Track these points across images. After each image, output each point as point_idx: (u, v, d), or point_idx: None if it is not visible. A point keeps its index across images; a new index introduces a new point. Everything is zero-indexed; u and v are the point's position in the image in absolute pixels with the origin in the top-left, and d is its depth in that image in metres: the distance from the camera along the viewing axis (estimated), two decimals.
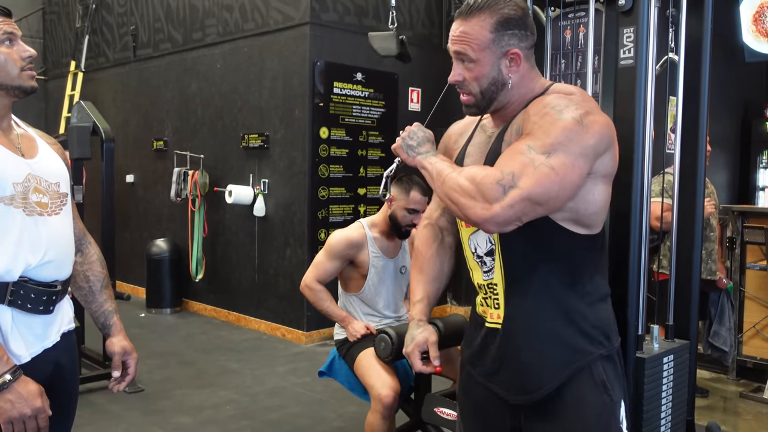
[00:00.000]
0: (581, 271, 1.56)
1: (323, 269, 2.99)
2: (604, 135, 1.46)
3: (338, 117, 5.51)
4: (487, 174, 1.40)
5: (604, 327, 1.57)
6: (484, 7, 1.49)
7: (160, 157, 6.95)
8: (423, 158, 1.56)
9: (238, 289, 6.08)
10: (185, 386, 4.36)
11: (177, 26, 6.66)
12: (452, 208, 1.46)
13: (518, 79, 1.53)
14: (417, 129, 1.60)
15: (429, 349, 1.70)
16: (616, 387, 1.56)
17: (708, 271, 3.90)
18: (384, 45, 3.19)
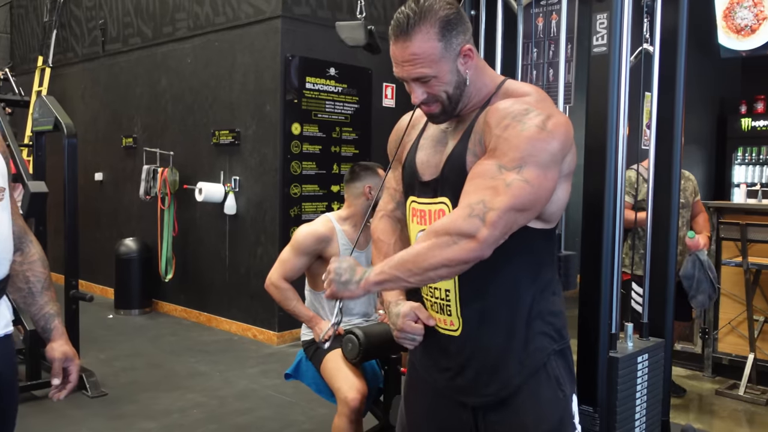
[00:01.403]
0: (539, 265, 1.53)
1: (290, 266, 2.88)
2: (568, 136, 1.43)
3: (311, 113, 5.40)
4: (453, 217, 1.36)
5: (557, 322, 1.55)
6: (421, 19, 1.42)
7: (129, 155, 6.79)
8: (367, 280, 1.44)
9: (208, 289, 5.94)
10: (152, 389, 4.22)
11: (146, 20, 6.50)
12: (441, 273, 1.37)
13: (473, 72, 1.50)
14: (338, 263, 1.47)
15: (418, 314, 1.61)
16: (567, 382, 1.55)
17: None
18: (352, 35, 3.09)
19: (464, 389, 1.56)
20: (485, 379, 1.53)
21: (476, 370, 1.53)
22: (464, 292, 1.51)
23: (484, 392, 1.53)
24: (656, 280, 2.37)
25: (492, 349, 1.52)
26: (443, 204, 1.51)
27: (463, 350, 1.54)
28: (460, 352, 1.54)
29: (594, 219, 2.04)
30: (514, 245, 1.44)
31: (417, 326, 1.60)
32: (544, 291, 1.53)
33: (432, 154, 1.56)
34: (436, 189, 1.52)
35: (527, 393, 1.51)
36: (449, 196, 1.49)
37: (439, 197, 1.52)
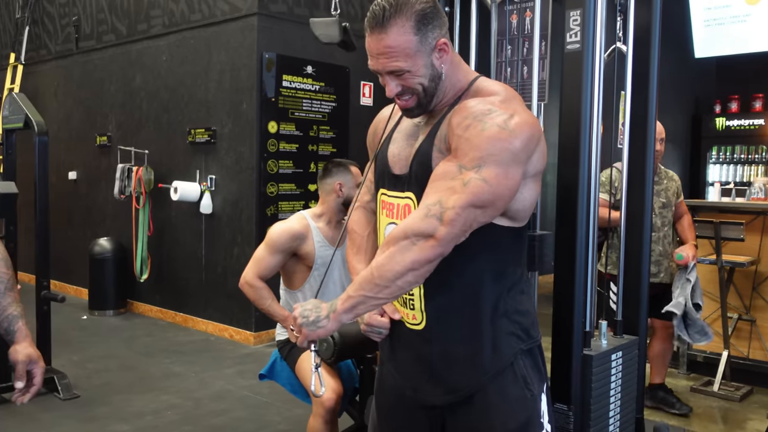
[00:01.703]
0: (505, 263, 1.52)
1: (264, 264, 2.84)
2: (533, 135, 1.42)
3: (288, 111, 5.36)
4: (411, 219, 1.36)
5: (525, 321, 1.54)
6: (397, 11, 1.41)
7: (103, 153, 6.69)
8: (336, 313, 1.41)
9: (184, 290, 5.88)
10: (125, 391, 4.16)
11: (121, 17, 6.42)
12: (410, 279, 1.36)
13: (449, 67, 1.49)
14: (301, 309, 1.45)
15: (384, 307, 1.62)
16: (536, 381, 1.53)
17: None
18: (326, 32, 3.06)
19: (428, 388, 1.55)
20: (449, 377, 1.52)
21: (439, 367, 1.52)
22: (428, 287, 1.50)
23: (447, 390, 1.52)
24: (630, 278, 2.37)
25: (455, 345, 1.51)
26: (409, 199, 1.50)
27: (425, 345, 1.53)
28: (423, 347, 1.53)
29: (568, 216, 2.04)
30: (479, 242, 1.43)
31: (383, 320, 1.60)
32: (511, 290, 1.52)
33: (403, 147, 1.55)
34: (405, 183, 1.52)
35: (493, 392, 1.50)
36: (415, 192, 1.48)
37: (406, 192, 1.51)
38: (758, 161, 6.74)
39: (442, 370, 1.53)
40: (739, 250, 4.25)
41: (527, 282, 1.60)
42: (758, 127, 6.74)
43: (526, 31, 2.25)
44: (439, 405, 1.55)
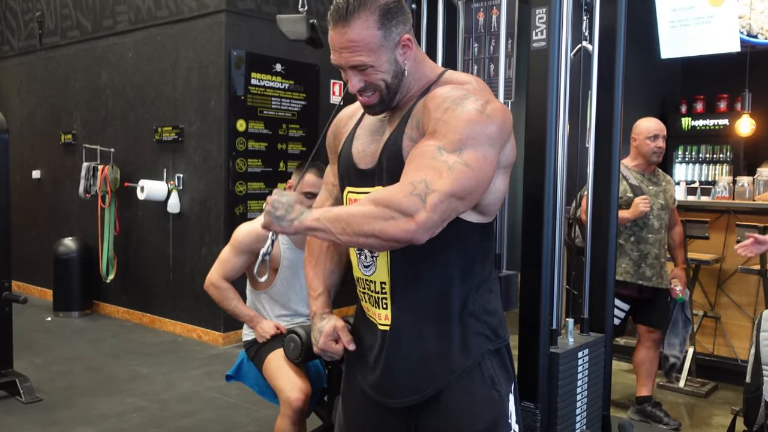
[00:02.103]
0: (473, 261, 1.50)
1: (230, 265, 2.80)
2: (506, 122, 1.42)
3: (257, 109, 5.31)
4: (395, 191, 1.32)
5: (493, 320, 1.53)
6: (360, 5, 1.39)
7: (68, 152, 6.56)
8: (301, 221, 1.38)
9: (152, 290, 5.79)
10: (90, 394, 4.08)
11: (86, 13, 6.30)
12: (370, 242, 1.33)
13: (412, 63, 1.47)
14: (278, 196, 1.42)
15: (340, 335, 1.61)
16: (503, 381, 1.52)
17: (639, 276, 3.54)
18: (293, 28, 3.03)
19: (395, 388, 1.53)
20: (416, 377, 1.50)
21: (407, 366, 1.50)
22: (396, 286, 1.48)
23: (415, 390, 1.50)
24: (596, 276, 2.39)
25: (422, 344, 1.49)
26: None
27: (393, 344, 1.51)
28: (390, 346, 1.51)
29: (534, 213, 2.04)
30: (447, 239, 1.42)
31: (337, 347, 1.59)
32: (480, 288, 1.51)
33: (368, 143, 1.53)
34: (374, 178, 1.50)
35: (461, 393, 1.48)
36: (385, 185, 1.45)
37: (375, 186, 1.49)
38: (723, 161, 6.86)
39: (409, 370, 1.51)
40: (704, 248, 4.32)
41: (495, 281, 1.59)
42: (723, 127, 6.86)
43: (493, 28, 2.25)
44: (406, 405, 1.53)
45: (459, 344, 1.48)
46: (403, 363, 1.51)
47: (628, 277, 3.54)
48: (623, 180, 3.50)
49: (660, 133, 3.57)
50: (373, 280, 1.52)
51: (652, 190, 3.57)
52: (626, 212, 3.43)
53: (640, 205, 3.42)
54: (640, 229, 3.53)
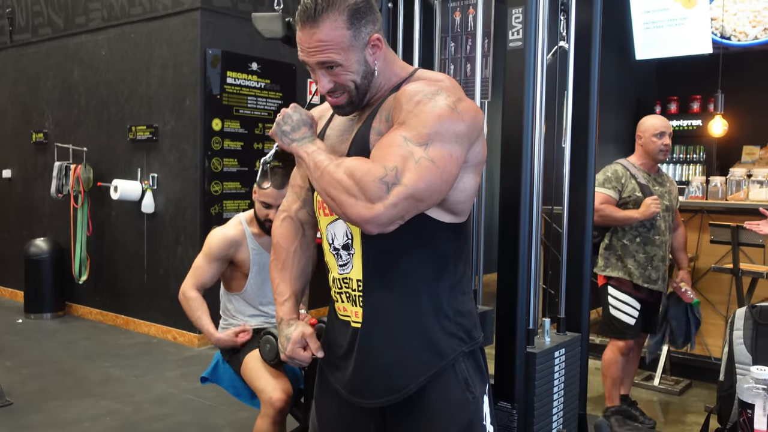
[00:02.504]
0: (446, 261, 1.49)
1: (202, 274, 2.77)
2: (477, 121, 1.41)
3: (232, 108, 5.26)
4: (369, 170, 1.30)
5: (467, 322, 1.52)
6: (329, 6, 1.37)
7: (40, 151, 6.45)
8: (298, 146, 1.43)
9: (126, 291, 5.71)
10: (61, 397, 4.01)
11: (57, 10, 6.19)
12: (330, 204, 1.34)
13: (382, 63, 1.46)
14: (292, 111, 1.47)
15: (308, 342, 1.60)
16: (477, 383, 1.51)
17: (645, 278, 3.43)
18: (269, 27, 3.00)
19: (367, 389, 1.51)
20: (388, 377, 1.48)
21: (379, 367, 1.49)
22: (368, 282, 1.47)
23: (387, 391, 1.49)
24: (573, 275, 2.39)
25: (394, 344, 1.48)
26: None
27: (365, 343, 1.50)
28: (363, 345, 1.50)
29: (511, 213, 2.04)
30: (419, 238, 1.41)
31: (305, 355, 1.58)
32: (453, 289, 1.50)
33: (338, 142, 1.52)
34: None
35: (434, 395, 1.47)
36: None
37: None
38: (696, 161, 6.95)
39: (382, 370, 1.49)
40: None
41: (469, 282, 1.58)
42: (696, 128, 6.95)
43: (469, 28, 2.24)
44: (380, 406, 1.52)
45: (432, 345, 1.47)
46: (376, 362, 1.50)
47: (634, 278, 3.43)
48: (632, 179, 3.42)
49: (666, 130, 3.45)
50: (351, 277, 1.51)
51: (658, 190, 3.46)
52: (635, 212, 3.33)
53: (652, 205, 3.30)
54: (647, 231, 3.42)
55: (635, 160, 3.52)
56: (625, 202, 3.40)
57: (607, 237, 3.50)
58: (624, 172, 3.42)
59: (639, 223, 3.39)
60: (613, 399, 3.56)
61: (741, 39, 5.69)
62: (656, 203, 3.31)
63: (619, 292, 3.47)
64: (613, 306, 3.48)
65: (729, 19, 5.71)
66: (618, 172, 3.45)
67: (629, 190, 3.39)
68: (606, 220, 3.37)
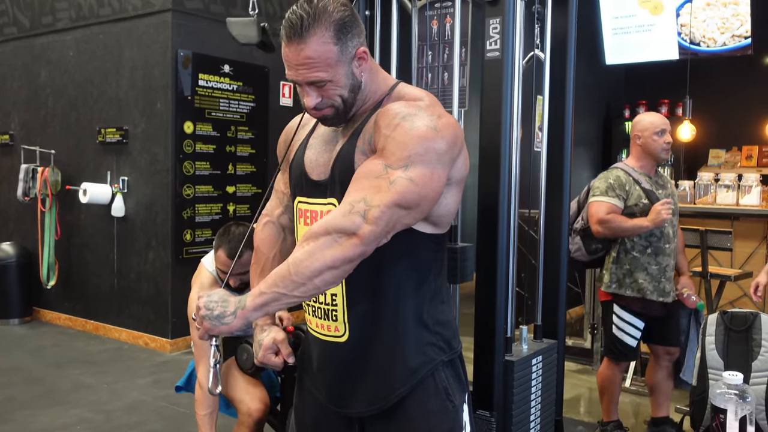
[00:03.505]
0: (426, 271, 1.50)
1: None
2: (457, 137, 1.41)
3: (204, 111, 5.21)
4: (334, 216, 1.31)
5: (446, 331, 1.53)
6: (315, 21, 1.35)
7: (5, 153, 6.31)
8: (245, 307, 1.33)
9: (95, 296, 5.62)
10: (30, 406, 3.93)
11: (23, 9, 6.07)
12: (327, 278, 1.30)
13: (368, 75, 1.46)
14: (207, 299, 1.36)
15: (280, 348, 1.60)
16: (457, 392, 1.52)
17: (660, 292, 3.12)
18: (244, 32, 2.98)
19: (349, 400, 1.51)
20: (370, 388, 1.49)
21: (361, 379, 1.49)
22: (350, 296, 1.47)
23: (369, 401, 1.49)
24: (549, 282, 2.42)
25: (376, 355, 1.48)
26: (332, 206, 1.45)
27: (348, 356, 1.49)
28: (345, 359, 1.50)
29: (489, 221, 2.05)
30: (400, 250, 1.41)
31: (276, 360, 1.58)
32: (433, 299, 1.51)
33: (321, 152, 1.51)
34: (325, 189, 1.48)
35: (415, 405, 1.47)
36: (338, 197, 1.43)
37: (328, 198, 1.47)
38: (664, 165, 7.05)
39: (362, 381, 1.50)
40: None
41: (447, 291, 1.59)
42: None
43: (447, 37, 2.25)
44: (359, 416, 1.52)
45: (412, 355, 1.47)
46: (356, 375, 1.50)
47: (647, 293, 3.11)
48: (635, 185, 3.12)
49: (667, 127, 3.16)
50: (324, 291, 1.48)
51: (662, 194, 3.16)
52: (645, 220, 3.01)
53: (662, 211, 2.97)
54: (658, 240, 3.11)
55: (634, 163, 3.22)
56: (632, 211, 3.08)
57: (614, 250, 3.17)
58: (627, 179, 3.12)
59: (648, 233, 3.08)
60: (610, 414, 3.39)
61: (710, 45, 5.81)
62: (666, 209, 2.99)
63: (624, 312, 3.18)
64: (616, 326, 3.21)
65: (698, 25, 5.82)
66: (621, 178, 3.14)
67: (635, 198, 3.09)
68: (614, 231, 3.07)
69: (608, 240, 3.15)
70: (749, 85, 6.80)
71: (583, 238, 3.14)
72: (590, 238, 3.15)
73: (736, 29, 5.70)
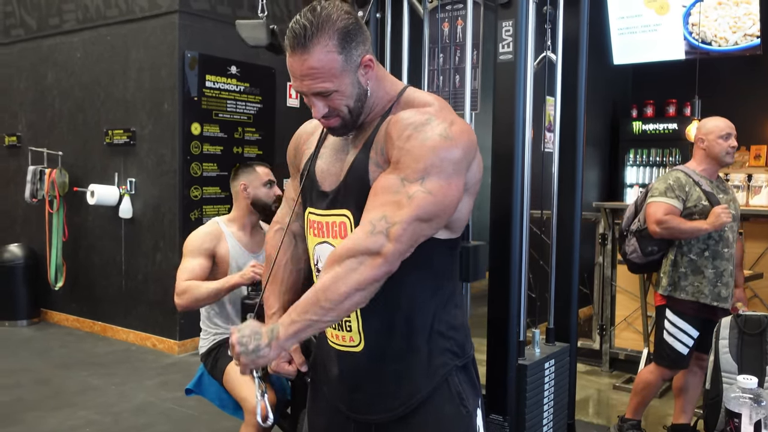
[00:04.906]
0: (441, 277, 1.50)
1: (186, 269, 2.68)
2: (471, 143, 1.40)
3: (211, 112, 5.20)
4: (355, 237, 1.31)
5: (459, 336, 1.52)
6: (318, 30, 1.34)
7: (12, 154, 6.32)
8: (279, 337, 1.32)
9: (103, 297, 5.62)
10: (39, 408, 3.93)
11: (30, 10, 6.07)
12: (356, 299, 1.30)
13: (375, 83, 1.44)
14: (239, 334, 1.34)
15: (293, 356, 1.59)
16: (470, 397, 1.52)
17: (715, 296, 3.05)
18: (253, 34, 2.97)
19: (364, 407, 1.51)
20: (386, 395, 1.48)
21: (377, 387, 1.49)
22: (364, 308, 1.43)
23: (385, 408, 1.49)
24: (561, 284, 2.40)
25: (393, 364, 1.47)
26: (344, 217, 1.44)
27: (364, 366, 1.49)
28: (361, 368, 1.49)
29: (502, 225, 2.04)
30: (416, 257, 1.40)
31: (290, 369, 1.58)
32: (447, 304, 1.50)
33: (332, 162, 1.50)
34: (336, 200, 1.46)
35: (429, 410, 1.47)
36: (351, 209, 1.42)
37: (339, 209, 1.45)
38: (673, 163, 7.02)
39: (381, 389, 1.49)
40: None
41: (460, 295, 1.58)
42: (672, 131, 7.02)
43: (458, 39, 2.24)
44: (374, 422, 1.51)
45: (427, 362, 1.47)
46: (375, 383, 1.49)
47: (701, 297, 3.05)
48: (695, 186, 3.06)
49: (732, 131, 3.09)
50: None
51: (723, 198, 3.09)
52: (704, 223, 2.96)
53: (722, 215, 2.92)
54: (716, 243, 3.05)
55: (695, 167, 3.15)
56: (691, 212, 3.04)
57: (671, 253, 3.11)
58: (687, 180, 3.07)
59: (707, 236, 3.03)
60: (635, 413, 3.33)
61: (721, 44, 5.78)
62: (726, 213, 2.94)
63: (677, 318, 3.11)
64: (668, 331, 3.13)
65: (710, 24, 5.79)
66: (680, 179, 3.08)
67: (694, 199, 3.03)
68: (672, 232, 3.02)
69: (665, 242, 3.11)
70: (758, 84, 6.76)
71: (639, 240, 3.10)
72: (647, 239, 3.12)
73: (748, 28, 5.67)
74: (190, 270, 2.68)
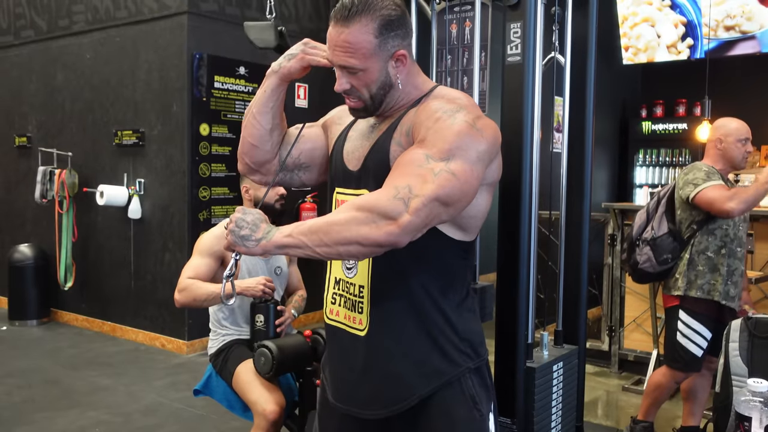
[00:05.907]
0: (453, 277, 1.50)
1: (194, 268, 2.70)
2: (496, 139, 1.43)
3: (220, 113, 5.22)
4: (379, 195, 1.30)
5: (473, 338, 1.53)
6: (363, 10, 1.39)
7: (23, 155, 6.36)
8: (269, 239, 1.33)
9: (112, 297, 5.65)
10: (48, 408, 3.95)
11: (40, 12, 6.11)
12: (351, 250, 1.29)
13: (405, 77, 1.48)
14: (241, 215, 1.36)
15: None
16: (484, 400, 1.52)
17: (724, 294, 3.01)
18: (261, 36, 2.97)
19: (368, 399, 1.51)
20: (384, 389, 1.49)
21: (379, 376, 1.49)
22: (375, 291, 1.47)
23: (383, 404, 1.49)
24: (570, 286, 2.39)
25: (395, 354, 1.48)
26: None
27: (367, 351, 1.50)
28: (362, 354, 1.50)
29: (510, 228, 2.03)
30: (427, 252, 1.42)
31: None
32: (460, 306, 1.51)
33: (358, 146, 1.54)
34: (360, 180, 1.50)
35: (440, 413, 1.47)
36: (370, 188, 1.44)
37: (361, 188, 1.49)
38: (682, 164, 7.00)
39: (384, 380, 1.49)
40: None
41: (474, 299, 1.58)
42: (681, 131, 6.99)
43: (466, 40, 2.24)
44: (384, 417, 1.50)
45: (438, 358, 1.47)
46: (378, 371, 1.49)
47: (716, 295, 3.01)
48: (720, 178, 3.03)
49: (750, 136, 3.08)
50: (353, 282, 1.51)
51: None
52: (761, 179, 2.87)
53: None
54: (731, 241, 3.02)
55: (711, 165, 3.11)
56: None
57: (687, 252, 3.06)
58: (713, 170, 3.03)
59: (723, 233, 3.00)
60: (648, 414, 3.32)
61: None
62: None
63: (690, 318, 3.06)
64: (681, 333, 3.08)
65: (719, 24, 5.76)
66: (711, 167, 3.06)
67: None
68: (747, 202, 2.88)
69: (679, 249, 3.06)
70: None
71: (654, 248, 3.05)
72: (661, 247, 3.07)
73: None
74: (195, 268, 2.70)
